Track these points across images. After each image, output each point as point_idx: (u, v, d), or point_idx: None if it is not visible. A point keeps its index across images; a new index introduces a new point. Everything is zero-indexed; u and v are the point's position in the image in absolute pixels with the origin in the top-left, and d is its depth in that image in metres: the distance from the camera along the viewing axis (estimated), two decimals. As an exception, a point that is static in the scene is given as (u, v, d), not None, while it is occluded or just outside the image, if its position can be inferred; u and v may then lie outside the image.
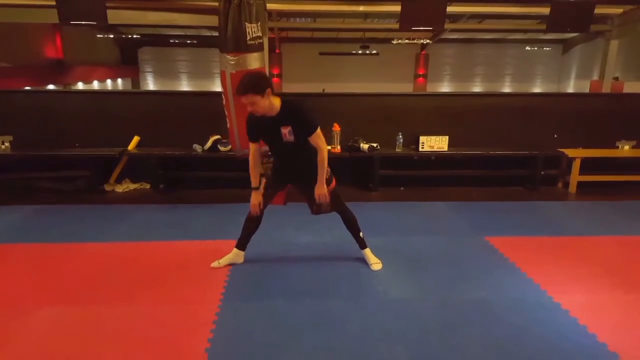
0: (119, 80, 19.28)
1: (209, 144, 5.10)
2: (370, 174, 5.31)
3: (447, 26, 13.76)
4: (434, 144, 5.27)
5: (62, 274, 3.15)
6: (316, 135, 2.85)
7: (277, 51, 18.44)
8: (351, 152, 5.21)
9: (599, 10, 6.14)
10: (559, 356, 2.30)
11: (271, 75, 17.62)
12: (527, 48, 19.50)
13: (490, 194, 5.20)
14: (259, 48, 4.21)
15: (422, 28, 6.14)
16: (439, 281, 3.10)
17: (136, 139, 5.28)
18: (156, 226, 4.14)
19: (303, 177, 3.07)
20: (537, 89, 20.05)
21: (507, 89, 20.34)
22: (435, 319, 2.62)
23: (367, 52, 17.92)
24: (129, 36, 17.65)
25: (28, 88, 10.98)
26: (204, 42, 18.01)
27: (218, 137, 5.09)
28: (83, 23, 5.42)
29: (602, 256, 3.49)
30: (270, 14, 11.92)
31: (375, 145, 5.20)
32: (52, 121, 5.31)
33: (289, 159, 3.07)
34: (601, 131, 5.62)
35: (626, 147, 5.50)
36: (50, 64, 13.97)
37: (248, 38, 4.06)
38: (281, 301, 2.80)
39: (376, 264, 3.28)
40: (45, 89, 11.62)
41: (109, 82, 18.19)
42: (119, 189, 5.30)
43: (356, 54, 18.44)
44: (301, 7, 10.37)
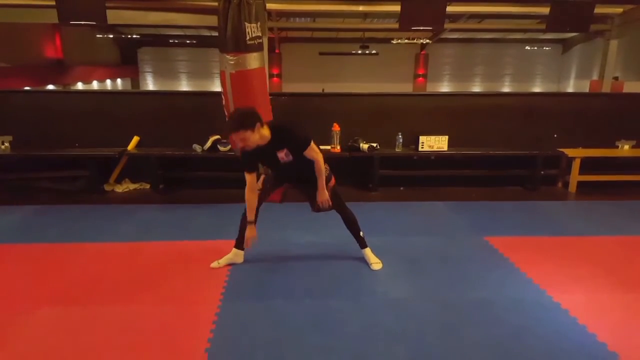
0: (118, 81, 19.28)
1: (208, 144, 5.10)
2: (370, 174, 5.31)
3: (447, 26, 13.76)
4: (434, 143, 5.27)
5: (62, 274, 3.15)
6: (310, 149, 2.88)
7: (276, 51, 18.44)
8: (351, 152, 5.21)
9: (598, 10, 6.14)
10: (558, 356, 2.30)
11: (271, 75, 17.63)
12: (527, 48, 19.50)
13: (490, 194, 5.21)
14: (259, 48, 4.21)
15: (421, 28, 6.15)
16: (438, 281, 3.10)
17: (136, 139, 5.28)
18: (156, 226, 4.14)
19: (303, 177, 3.09)
20: (537, 89, 20.05)
21: (506, 88, 20.34)
22: (435, 319, 2.63)
23: (367, 52, 17.91)
24: (129, 36, 17.65)
25: (28, 88, 10.97)
26: (203, 42, 18.00)
27: (218, 137, 5.09)
28: (83, 23, 5.41)
29: (601, 256, 3.50)
30: (270, 13, 11.92)
31: (375, 145, 5.21)
32: (51, 121, 5.32)
33: (290, 171, 3.09)
34: (601, 131, 5.62)
35: (626, 147, 5.50)
36: (49, 64, 13.96)
37: (247, 38, 4.06)
38: (281, 301, 2.80)
39: (376, 263, 3.28)
40: (45, 89, 11.63)
41: (108, 82, 18.18)
42: (119, 189, 5.30)
43: (356, 54, 18.43)
44: (301, 7, 10.38)
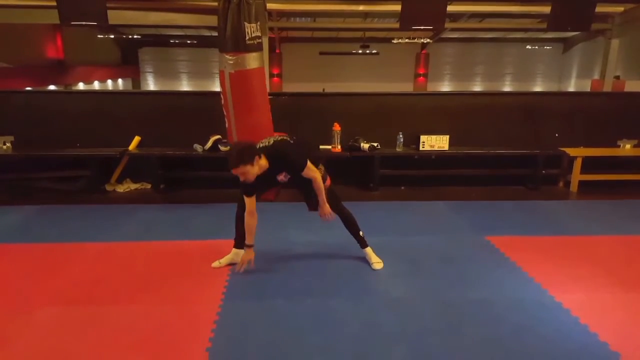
0: (119, 81, 19.29)
1: (209, 143, 5.10)
2: (371, 174, 5.31)
3: (448, 25, 13.75)
4: (435, 143, 5.26)
5: (63, 274, 3.15)
6: (307, 169, 2.94)
7: (277, 51, 18.44)
8: (352, 151, 5.21)
9: (599, 9, 6.13)
10: (560, 356, 2.29)
11: (271, 75, 17.62)
12: (528, 47, 19.46)
13: (491, 193, 5.20)
14: (258, 48, 4.21)
15: (422, 27, 6.14)
16: (439, 281, 3.09)
17: (137, 139, 5.29)
18: (157, 226, 4.15)
19: (301, 185, 3.10)
20: (538, 88, 20.03)
21: (507, 88, 20.32)
22: (436, 319, 2.62)
23: (367, 51, 17.90)
24: (130, 36, 17.66)
25: (29, 88, 10.99)
26: (204, 42, 18.00)
27: (218, 137, 5.09)
28: (84, 23, 5.42)
29: (603, 255, 3.49)
30: (271, 13, 11.92)
31: (375, 144, 5.20)
32: (53, 121, 5.32)
33: (289, 184, 3.17)
34: (602, 130, 5.61)
35: (627, 146, 5.49)
36: (51, 64, 13.98)
37: (247, 38, 4.06)
38: (282, 301, 2.81)
39: (377, 263, 3.28)
40: (46, 90, 11.65)
41: (109, 82, 18.20)
42: (120, 189, 5.31)
43: (356, 54, 18.43)
44: (301, 7, 10.38)
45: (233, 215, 3.21)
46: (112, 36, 17.46)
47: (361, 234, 3.30)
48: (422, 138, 5.23)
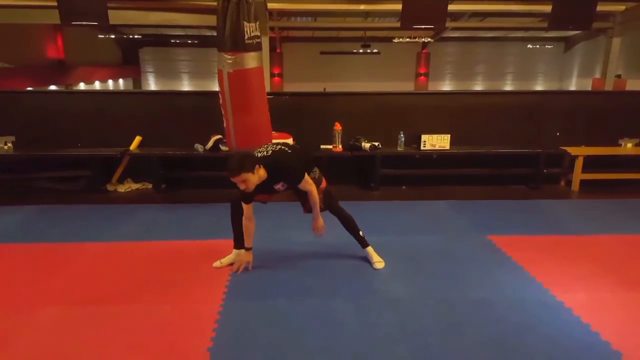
0: (120, 81, 19.29)
1: (210, 143, 5.10)
2: (372, 173, 5.30)
3: (449, 24, 13.71)
4: (436, 142, 5.26)
5: (64, 274, 3.15)
6: (304, 183, 2.96)
7: (278, 51, 18.42)
8: (353, 151, 5.21)
9: (601, 8, 6.12)
10: (562, 355, 2.29)
11: (272, 75, 17.61)
12: (529, 46, 19.42)
13: (492, 193, 5.19)
14: (257, 47, 4.20)
15: (423, 26, 6.13)
16: (441, 280, 3.09)
17: (138, 139, 5.29)
18: (158, 226, 4.15)
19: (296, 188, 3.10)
20: (539, 87, 19.97)
21: (508, 87, 20.28)
22: (438, 318, 2.62)
23: (368, 51, 17.88)
24: (130, 36, 17.66)
25: (30, 89, 11.00)
26: (205, 42, 17.98)
27: (219, 136, 5.09)
28: (84, 23, 5.43)
29: (605, 255, 3.48)
30: (271, 13, 11.91)
31: (376, 144, 5.20)
32: (54, 121, 5.33)
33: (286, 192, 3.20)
34: (604, 129, 5.60)
35: (629, 145, 5.48)
36: (52, 64, 13.99)
37: (246, 37, 4.05)
38: (283, 300, 2.80)
39: (379, 262, 3.27)
40: (47, 90, 11.64)
41: (110, 82, 18.21)
42: (121, 188, 5.31)
43: (357, 53, 18.40)
44: (302, 7, 10.36)
45: (234, 215, 3.21)
46: (113, 36, 17.46)
47: (361, 233, 3.30)
48: (423, 137, 5.23)
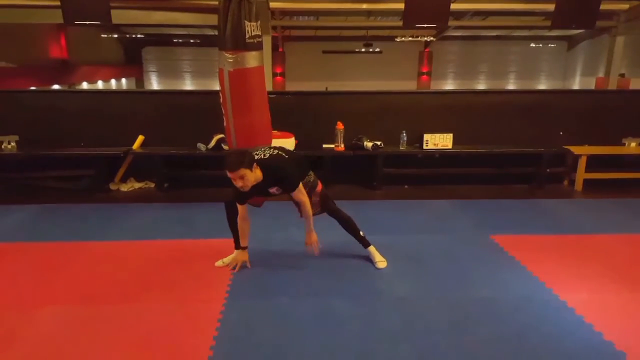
0: (123, 80, 19.34)
1: (212, 142, 5.11)
2: (374, 172, 5.30)
3: (451, 23, 13.65)
4: (438, 141, 5.25)
5: (67, 273, 3.16)
6: (298, 192, 2.96)
7: (280, 50, 18.42)
8: (355, 150, 5.20)
9: (604, 6, 6.06)
10: (564, 355, 2.28)
11: (274, 74, 17.60)
12: (532, 45, 19.37)
13: (495, 192, 5.18)
14: (258, 47, 4.19)
15: (425, 25, 6.12)
16: (443, 279, 3.09)
17: (140, 138, 5.30)
18: (161, 225, 4.16)
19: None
20: (542, 86, 19.92)
21: (511, 86, 20.23)
22: (440, 318, 2.62)
23: (371, 50, 17.87)
24: (133, 36, 17.70)
25: (33, 88, 11.03)
26: (207, 42, 17.99)
27: (222, 135, 5.09)
28: (87, 23, 5.44)
29: (608, 254, 3.47)
30: (273, 12, 11.90)
31: (379, 143, 5.19)
32: (57, 121, 5.34)
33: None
34: (607, 128, 5.57)
35: (632, 144, 5.45)
36: (55, 64, 14.04)
37: (247, 36, 4.04)
38: (285, 300, 2.81)
39: (381, 262, 3.27)
40: (51, 89, 11.68)
41: (113, 81, 18.26)
42: (124, 188, 5.32)
43: (359, 52, 18.39)
44: (304, 6, 10.36)
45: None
46: (116, 36, 17.51)
47: (361, 233, 3.30)
48: (426, 137, 5.22)
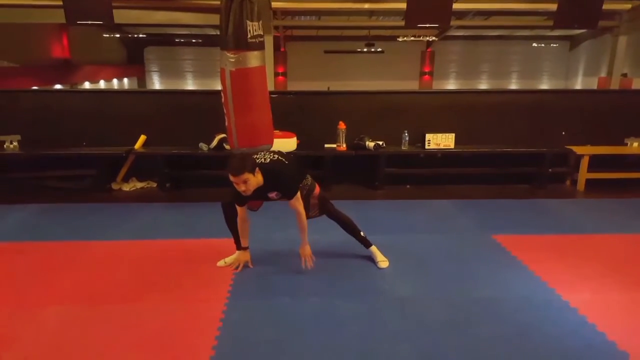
0: (125, 80, 19.36)
1: (214, 142, 5.11)
2: (376, 172, 5.29)
3: (453, 23, 13.64)
4: (440, 141, 5.24)
5: (69, 272, 3.17)
6: (295, 200, 2.97)
7: (282, 49, 18.42)
8: (357, 150, 5.20)
9: (607, 6, 6.05)
10: (567, 354, 2.28)
11: (276, 74, 17.61)
12: (534, 45, 19.31)
13: (497, 192, 5.17)
14: (260, 47, 4.19)
15: (427, 25, 6.11)
16: (445, 279, 3.08)
17: (142, 138, 5.30)
18: (163, 225, 4.16)
19: None
20: (544, 86, 19.87)
21: (513, 86, 20.19)
22: (442, 317, 2.62)
23: (372, 50, 17.86)
24: (135, 36, 17.73)
25: (36, 88, 11.05)
26: (209, 41, 18.02)
27: (224, 135, 5.09)
28: (90, 23, 5.45)
29: (610, 254, 3.46)
30: (275, 12, 11.90)
31: (380, 143, 5.19)
32: (59, 120, 5.35)
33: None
34: (609, 128, 5.56)
35: (635, 144, 5.44)
36: (57, 63, 14.06)
37: (249, 36, 4.04)
38: (287, 299, 2.81)
39: (383, 261, 3.27)
40: (53, 89, 11.69)
41: (115, 81, 18.28)
42: (126, 187, 5.33)
43: (361, 52, 18.39)
44: (306, 5, 10.36)
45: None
46: (118, 35, 17.53)
47: (362, 234, 3.30)
48: (428, 136, 5.21)
